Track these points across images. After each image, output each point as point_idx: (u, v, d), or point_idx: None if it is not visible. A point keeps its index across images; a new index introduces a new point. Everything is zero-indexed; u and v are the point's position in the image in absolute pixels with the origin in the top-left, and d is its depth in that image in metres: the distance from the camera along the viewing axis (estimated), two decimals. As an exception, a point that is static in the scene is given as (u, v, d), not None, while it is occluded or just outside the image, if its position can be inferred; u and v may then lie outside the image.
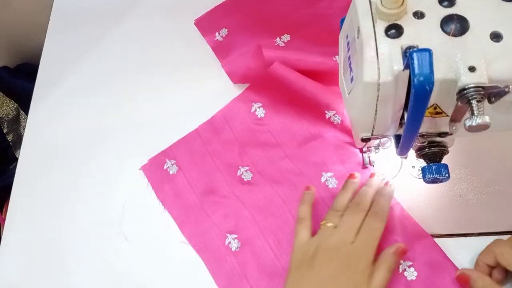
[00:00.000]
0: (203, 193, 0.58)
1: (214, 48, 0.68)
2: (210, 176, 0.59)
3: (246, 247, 0.54)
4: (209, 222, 0.56)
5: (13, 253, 0.59)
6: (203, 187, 0.58)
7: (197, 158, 0.60)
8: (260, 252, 0.54)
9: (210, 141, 0.61)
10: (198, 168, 0.60)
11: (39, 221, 0.60)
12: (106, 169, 0.62)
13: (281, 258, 0.53)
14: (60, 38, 0.74)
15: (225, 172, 0.59)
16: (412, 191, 0.55)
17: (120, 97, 0.67)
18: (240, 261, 0.53)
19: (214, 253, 0.54)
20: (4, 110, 0.97)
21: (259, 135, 0.60)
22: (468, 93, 0.35)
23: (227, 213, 0.56)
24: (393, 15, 0.36)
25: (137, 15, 0.75)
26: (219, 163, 0.59)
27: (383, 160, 0.56)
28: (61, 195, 0.61)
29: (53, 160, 0.64)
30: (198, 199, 0.58)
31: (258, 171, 0.58)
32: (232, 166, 0.59)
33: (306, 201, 0.53)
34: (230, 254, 0.54)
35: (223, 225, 0.56)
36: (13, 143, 0.97)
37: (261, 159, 0.59)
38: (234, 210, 0.56)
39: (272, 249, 0.53)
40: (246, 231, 0.55)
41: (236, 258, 0.54)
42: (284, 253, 0.53)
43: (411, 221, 0.53)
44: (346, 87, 0.42)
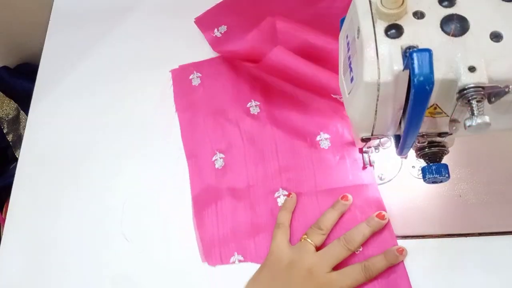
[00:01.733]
0: (213, 111, 0.64)
1: (212, 43, 0.69)
2: (225, 98, 0.64)
3: (227, 168, 0.60)
4: (206, 137, 0.62)
5: (13, 253, 0.59)
6: (214, 106, 0.64)
7: (220, 79, 0.66)
8: (238, 176, 0.59)
9: (235, 67, 0.64)
10: (218, 88, 0.65)
11: (39, 221, 0.60)
12: (106, 169, 0.63)
13: (254, 186, 0.58)
14: (60, 38, 0.75)
15: (237, 99, 0.64)
16: (412, 191, 0.55)
17: (120, 97, 0.68)
18: (218, 179, 0.59)
19: (200, 163, 0.61)
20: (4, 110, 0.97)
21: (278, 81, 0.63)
22: (468, 93, 0.35)
23: (224, 134, 0.62)
24: (393, 15, 0.36)
25: (137, 15, 0.75)
26: (236, 90, 0.64)
27: (383, 160, 0.56)
28: (61, 195, 0.61)
29: (53, 160, 0.64)
30: (206, 114, 0.64)
31: (266, 109, 0.62)
32: (245, 96, 0.64)
33: (287, 208, 0.55)
34: (212, 170, 0.60)
35: (216, 142, 0.62)
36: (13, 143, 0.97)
37: (272, 99, 0.63)
38: (230, 134, 0.62)
39: (248, 177, 0.58)
40: (232, 155, 0.60)
41: (216, 175, 0.59)
42: (258, 183, 0.58)
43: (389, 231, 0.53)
44: (346, 87, 0.42)
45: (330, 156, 0.58)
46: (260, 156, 0.60)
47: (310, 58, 0.59)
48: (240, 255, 0.54)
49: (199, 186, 0.59)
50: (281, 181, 0.58)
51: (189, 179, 0.60)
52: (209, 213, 0.57)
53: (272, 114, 0.62)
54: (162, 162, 0.62)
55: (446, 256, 0.51)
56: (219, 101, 0.65)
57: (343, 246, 0.50)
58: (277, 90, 0.63)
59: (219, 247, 0.55)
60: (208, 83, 0.66)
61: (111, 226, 0.58)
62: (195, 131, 0.63)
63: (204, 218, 0.57)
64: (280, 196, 0.57)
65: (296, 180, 0.58)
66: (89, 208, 0.60)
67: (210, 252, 0.55)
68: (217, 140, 0.62)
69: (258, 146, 0.60)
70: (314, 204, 0.56)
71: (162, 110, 0.66)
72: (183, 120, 0.64)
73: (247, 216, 0.56)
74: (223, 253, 0.55)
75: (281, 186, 0.57)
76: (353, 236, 0.51)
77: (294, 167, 0.58)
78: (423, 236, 0.53)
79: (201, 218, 0.57)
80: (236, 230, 0.56)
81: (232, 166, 0.60)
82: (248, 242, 0.55)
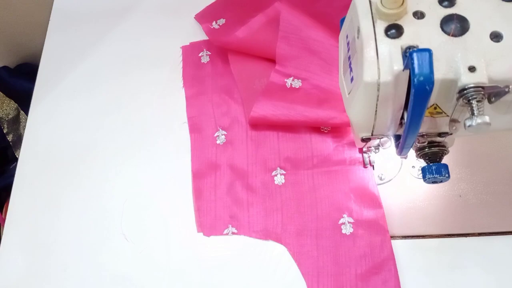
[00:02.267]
0: (219, 89, 0.64)
1: (209, 34, 0.69)
2: (232, 77, 0.64)
3: (228, 145, 0.61)
4: (210, 112, 0.63)
5: (13, 253, 0.59)
6: (221, 84, 0.65)
7: (229, 60, 0.65)
8: (238, 154, 0.60)
9: (246, 48, 0.64)
10: (226, 67, 0.66)
11: (39, 221, 0.60)
12: (106, 169, 0.62)
13: (253, 164, 0.59)
14: (60, 38, 0.74)
15: (244, 79, 0.64)
16: (412, 191, 0.55)
17: (120, 97, 0.67)
18: (218, 155, 0.60)
19: (202, 138, 0.62)
20: (4, 110, 0.97)
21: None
22: (468, 93, 0.35)
23: (228, 112, 0.63)
24: (393, 15, 0.36)
25: (137, 15, 0.75)
26: (243, 70, 0.64)
27: (383, 160, 0.56)
28: (61, 195, 0.61)
29: (53, 160, 0.64)
30: (212, 91, 0.65)
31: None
32: (252, 77, 0.63)
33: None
34: (213, 145, 0.61)
35: (220, 119, 0.63)
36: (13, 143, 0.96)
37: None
38: (235, 112, 0.63)
39: (248, 156, 0.59)
40: (234, 133, 0.62)
41: (217, 150, 0.61)
42: (257, 161, 0.59)
43: (372, 193, 0.55)
44: (346, 87, 0.42)
45: (329, 138, 0.59)
46: (261, 136, 0.60)
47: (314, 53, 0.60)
48: (234, 228, 0.56)
49: (200, 159, 0.61)
50: (279, 160, 0.59)
51: (190, 154, 0.61)
52: (207, 186, 0.59)
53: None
54: (162, 162, 0.62)
55: (446, 256, 0.51)
56: (226, 79, 0.65)
57: None
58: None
59: (214, 219, 0.57)
60: (217, 61, 0.67)
61: (111, 226, 0.58)
62: (200, 107, 0.64)
63: (202, 190, 0.59)
64: (277, 174, 0.58)
65: (294, 159, 0.59)
66: (89, 208, 0.60)
67: (205, 223, 0.57)
68: (221, 117, 0.63)
69: (259, 127, 0.61)
70: (310, 184, 0.57)
71: (162, 110, 0.66)
72: (189, 95, 0.65)
73: (243, 191, 0.58)
74: (218, 225, 0.56)
75: (279, 165, 0.59)
76: None
77: (294, 148, 0.59)
78: (423, 236, 0.53)
79: (199, 190, 0.59)
80: (232, 204, 0.57)
81: (234, 143, 0.61)
82: (242, 216, 0.56)
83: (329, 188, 0.56)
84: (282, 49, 0.61)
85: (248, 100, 0.62)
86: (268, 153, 0.60)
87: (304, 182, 0.57)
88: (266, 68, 0.63)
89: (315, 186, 0.57)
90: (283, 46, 0.60)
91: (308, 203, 0.56)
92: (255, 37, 0.63)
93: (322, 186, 0.56)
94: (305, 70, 0.60)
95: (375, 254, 0.52)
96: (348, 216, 0.54)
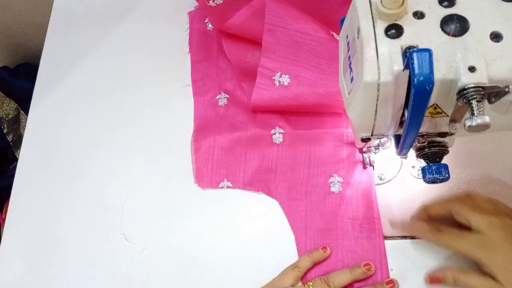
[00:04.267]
0: (224, 54, 0.65)
1: (204, 9, 0.70)
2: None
3: (230, 106, 0.63)
4: (214, 77, 0.66)
5: (13, 253, 0.59)
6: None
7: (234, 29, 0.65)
8: (238, 114, 0.62)
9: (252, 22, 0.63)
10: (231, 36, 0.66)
11: (39, 221, 0.60)
12: (106, 169, 0.62)
13: (253, 123, 0.61)
14: (60, 38, 0.74)
15: (234, 56, 0.65)
16: (412, 191, 0.55)
17: (120, 97, 0.67)
18: (219, 115, 0.63)
19: (205, 100, 0.64)
20: (4, 110, 0.97)
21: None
22: (468, 93, 0.35)
23: (232, 76, 0.65)
24: (393, 15, 0.36)
25: (137, 15, 0.75)
26: (235, 49, 0.65)
27: (383, 160, 0.56)
28: (61, 195, 0.61)
29: (53, 160, 0.64)
30: (217, 56, 0.67)
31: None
32: (243, 54, 0.64)
33: (313, 256, 0.53)
34: (215, 105, 0.64)
35: (224, 82, 0.65)
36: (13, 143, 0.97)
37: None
38: (237, 78, 0.65)
39: (248, 116, 0.62)
40: (236, 96, 0.64)
41: (218, 110, 0.63)
42: (257, 121, 0.61)
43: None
44: (346, 87, 0.42)
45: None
46: (259, 99, 0.61)
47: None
48: (229, 182, 0.59)
49: (201, 118, 0.63)
50: (279, 120, 0.60)
51: (193, 115, 0.64)
52: (206, 142, 0.61)
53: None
54: (162, 161, 0.62)
55: (446, 256, 0.51)
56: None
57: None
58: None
59: (211, 172, 0.59)
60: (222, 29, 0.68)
61: (111, 226, 0.58)
62: (204, 71, 0.67)
63: (201, 146, 0.61)
64: (276, 133, 0.60)
65: (293, 120, 0.60)
66: (89, 208, 0.60)
67: (202, 176, 0.59)
68: (225, 81, 0.65)
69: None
70: (306, 144, 0.59)
71: (163, 110, 0.66)
72: (194, 60, 0.68)
73: (241, 147, 0.60)
74: (214, 178, 0.59)
75: (278, 125, 0.60)
76: (333, 278, 0.50)
77: (295, 111, 0.61)
78: (423, 236, 0.53)
79: (198, 145, 0.61)
80: (229, 158, 0.60)
81: (235, 105, 0.63)
82: (238, 170, 0.59)
83: (324, 149, 0.58)
84: (268, 42, 0.61)
85: (243, 73, 0.64)
86: (268, 113, 0.61)
87: (301, 142, 0.59)
88: (259, 45, 0.62)
89: (311, 146, 0.59)
90: (269, 39, 0.60)
91: (302, 161, 0.59)
92: (246, 25, 0.63)
93: (317, 147, 0.58)
94: (292, 64, 0.60)
95: (361, 212, 0.54)
96: (338, 176, 0.57)
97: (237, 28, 0.63)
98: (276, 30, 0.61)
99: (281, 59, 0.60)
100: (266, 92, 0.60)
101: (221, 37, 0.66)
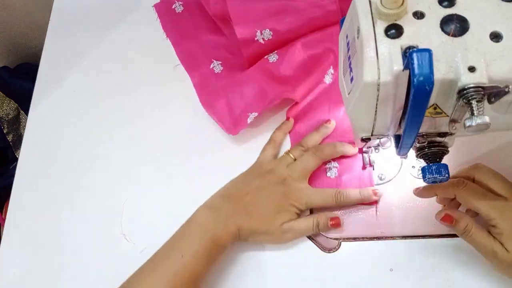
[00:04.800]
0: (203, 29, 0.68)
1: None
2: (210, 18, 0.67)
3: (227, 68, 0.64)
4: (199, 51, 0.67)
5: (13, 253, 0.59)
6: (204, 25, 0.69)
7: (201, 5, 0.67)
8: (238, 76, 0.62)
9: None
10: (202, 11, 0.68)
11: (39, 221, 0.60)
12: (106, 168, 0.62)
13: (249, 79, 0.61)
14: (60, 38, 0.74)
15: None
16: (412, 191, 0.55)
17: (120, 97, 0.67)
18: (219, 79, 0.64)
19: (200, 74, 0.65)
20: (4, 110, 0.97)
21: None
22: (468, 93, 0.35)
23: (218, 45, 0.67)
24: (393, 15, 0.36)
25: (137, 15, 0.75)
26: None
27: (383, 160, 0.56)
28: (61, 195, 0.61)
29: (53, 160, 0.64)
30: (196, 33, 0.68)
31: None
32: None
33: (283, 129, 0.61)
34: (212, 75, 0.65)
35: (212, 52, 0.66)
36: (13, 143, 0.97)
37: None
38: (226, 44, 0.66)
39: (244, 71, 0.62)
40: (229, 60, 0.65)
41: (217, 77, 0.64)
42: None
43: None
44: (346, 87, 0.42)
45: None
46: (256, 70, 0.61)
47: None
48: (254, 113, 0.59)
49: (204, 87, 0.64)
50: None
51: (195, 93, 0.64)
52: (217, 99, 0.62)
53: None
54: (162, 161, 0.62)
55: (446, 256, 0.51)
56: (206, 20, 0.68)
57: (312, 154, 0.55)
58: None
59: (233, 117, 0.60)
60: (191, 8, 0.71)
61: (111, 226, 0.58)
62: (189, 48, 0.68)
63: (214, 104, 0.61)
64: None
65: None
66: (89, 208, 0.60)
67: (227, 123, 0.60)
68: (212, 51, 0.66)
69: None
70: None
71: (162, 108, 0.66)
72: (174, 41, 0.69)
73: (247, 81, 0.61)
74: (239, 119, 0.59)
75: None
76: (322, 147, 0.57)
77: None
78: (423, 236, 0.53)
79: (210, 104, 0.62)
80: (243, 96, 0.60)
81: (232, 67, 0.64)
82: (257, 104, 0.59)
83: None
84: (234, 9, 0.60)
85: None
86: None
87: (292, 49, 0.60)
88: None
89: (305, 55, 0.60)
90: (235, 5, 0.60)
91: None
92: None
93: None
94: (266, 18, 0.60)
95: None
96: (334, 161, 0.58)
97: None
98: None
99: (253, 19, 0.60)
100: (256, 46, 0.60)
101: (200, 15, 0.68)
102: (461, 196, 0.47)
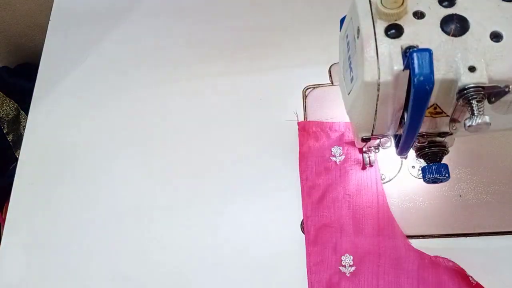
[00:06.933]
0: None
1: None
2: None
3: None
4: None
5: (13, 253, 0.59)
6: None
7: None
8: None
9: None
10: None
11: (39, 221, 0.60)
12: (106, 168, 0.62)
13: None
14: (60, 38, 0.74)
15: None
16: (412, 191, 0.55)
17: (120, 97, 0.67)
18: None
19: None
20: (4, 110, 0.97)
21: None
22: (468, 93, 0.35)
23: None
24: (393, 15, 0.36)
25: (137, 15, 0.75)
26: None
27: (383, 160, 0.56)
28: (60, 195, 0.61)
29: (53, 160, 0.64)
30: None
31: None
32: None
33: None
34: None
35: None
36: (13, 143, 0.97)
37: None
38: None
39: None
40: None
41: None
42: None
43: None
44: (346, 87, 0.42)
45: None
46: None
47: None
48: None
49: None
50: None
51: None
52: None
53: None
54: (162, 161, 0.62)
55: (446, 256, 0.51)
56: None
57: None
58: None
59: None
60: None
61: (111, 226, 0.58)
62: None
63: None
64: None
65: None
66: (89, 208, 0.60)
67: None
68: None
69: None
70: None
71: (162, 109, 0.66)
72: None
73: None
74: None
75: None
76: None
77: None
78: (423, 236, 0.53)
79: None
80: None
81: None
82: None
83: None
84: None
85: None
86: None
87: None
88: None
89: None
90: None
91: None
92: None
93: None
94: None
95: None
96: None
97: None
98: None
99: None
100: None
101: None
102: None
